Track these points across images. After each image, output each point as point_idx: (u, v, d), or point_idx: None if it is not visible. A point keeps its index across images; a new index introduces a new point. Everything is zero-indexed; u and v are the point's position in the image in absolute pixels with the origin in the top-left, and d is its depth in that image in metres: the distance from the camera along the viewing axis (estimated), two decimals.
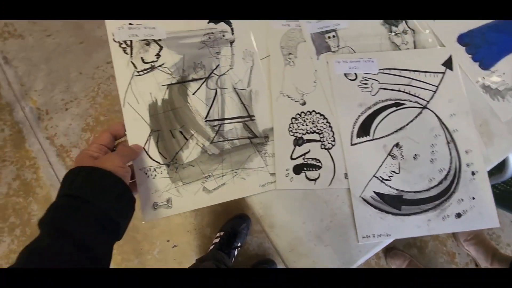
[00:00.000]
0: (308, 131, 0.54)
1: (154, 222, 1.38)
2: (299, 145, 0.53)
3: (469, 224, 0.53)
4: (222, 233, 1.22)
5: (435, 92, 0.57)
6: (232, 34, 0.59)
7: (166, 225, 1.38)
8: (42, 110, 1.52)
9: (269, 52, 0.57)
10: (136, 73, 0.55)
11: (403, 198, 0.53)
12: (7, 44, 1.62)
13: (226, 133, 0.55)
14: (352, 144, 0.54)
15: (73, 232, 0.38)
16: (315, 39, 0.58)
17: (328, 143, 0.54)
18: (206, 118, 0.55)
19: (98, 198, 0.41)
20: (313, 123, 0.54)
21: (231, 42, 0.58)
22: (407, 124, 0.55)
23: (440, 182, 0.54)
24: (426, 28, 0.61)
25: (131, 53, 0.55)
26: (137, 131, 0.53)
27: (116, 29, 0.56)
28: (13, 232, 1.35)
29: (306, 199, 0.53)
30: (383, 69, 0.57)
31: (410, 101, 0.56)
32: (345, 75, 0.57)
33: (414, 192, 0.53)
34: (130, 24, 0.56)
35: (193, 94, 0.55)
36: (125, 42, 0.56)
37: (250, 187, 0.54)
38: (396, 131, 0.55)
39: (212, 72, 0.57)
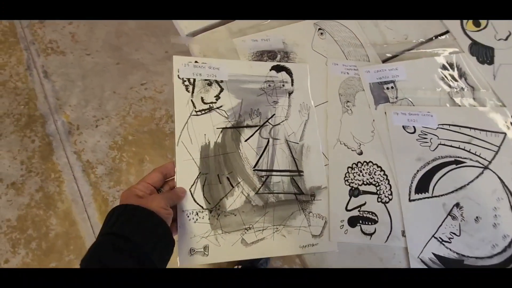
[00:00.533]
0: (365, 182, 0.51)
1: None
2: (355, 196, 0.50)
3: None
4: (239, 267, 1.16)
5: (496, 152, 0.54)
6: (292, 85, 0.58)
7: None
8: (73, 124, 1.53)
9: (327, 98, 0.56)
10: (194, 113, 0.54)
11: (464, 264, 0.49)
12: (48, 59, 1.66)
13: (272, 185, 0.53)
14: (410, 200, 0.50)
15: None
16: (373, 89, 0.56)
17: (385, 196, 0.50)
18: (254, 167, 0.53)
19: (140, 238, 0.40)
20: (369, 174, 0.51)
21: (290, 93, 0.58)
22: (467, 184, 0.52)
23: (504, 250, 0.49)
24: (485, 86, 0.58)
25: (193, 92, 0.55)
26: (187, 171, 0.52)
27: (182, 65, 0.56)
28: (29, 245, 1.31)
29: (360, 254, 0.49)
30: (442, 124, 0.55)
31: (471, 159, 0.53)
32: (404, 127, 0.54)
33: (476, 258, 0.49)
34: (195, 62, 0.56)
35: (246, 140, 0.54)
36: (188, 80, 0.56)
37: (290, 246, 0.51)
38: (456, 190, 0.51)
39: (267, 121, 0.56)
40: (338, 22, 0.61)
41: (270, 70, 0.58)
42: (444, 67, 0.59)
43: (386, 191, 0.50)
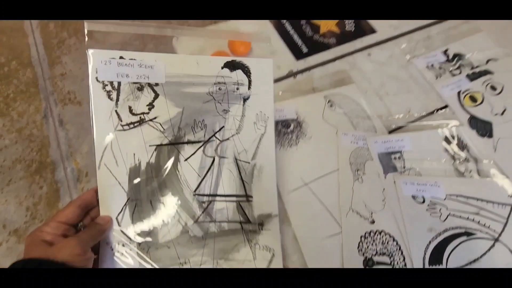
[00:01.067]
0: (378, 252, 0.50)
1: None
2: (369, 267, 0.49)
3: None
4: None
5: (505, 224, 0.53)
6: (249, 88, 0.47)
7: None
8: (82, 172, 1.53)
9: (338, 166, 0.56)
10: (120, 127, 0.42)
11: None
12: (65, 109, 1.71)
13: (215, 212, 0.45)
14: None
15: None
16: (382, 158, 0.58)
17: (400, 267, 0.49)
18: (195, 191, 0.44)
19: None
20: (383, 244, 0.50)
21: (245, 99, 0.47)
22: (480, 257, 0.51)
23: None
24: (488, 158, 0.60)
25: (117, 100, 0.42)
26: (112, 198, 0.42)
27: (101, 63, 0.41)
28: None
29: None
30: (450, 194, 0.55)
31: (481, 231, 0.52)
32: (413, 197, 0.54)
33: None
34: (121, 58, 0.42)
35: (186, 160, 0.44)
36: (111, 83, 0.41)
37: None
38: (470, 263, 0.50)
39: (213, 135, 0.46)
40: (346, 95, 0.64)
41: (222, 68, 0.46)
42: (446, 139, 0.61)
43: (400, 262, 0.49)
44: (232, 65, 0.46)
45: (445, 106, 0.66)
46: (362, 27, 0.76)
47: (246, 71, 0.47)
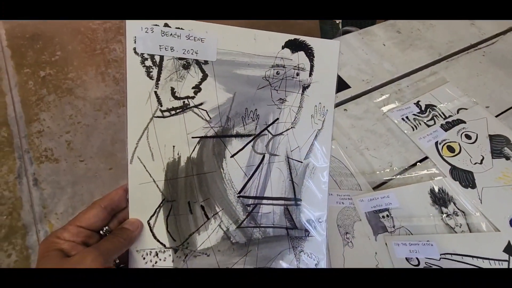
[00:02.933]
0: None
1: None
2: None
3: None
4: None
5: None
6: (310, 74, 0.39)
7: None
8: None
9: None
10: (159, 113, 0.35)
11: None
12: (41, 167, 1.61)
13: (260, 217, 0.39)
14: None
15: None
16: (370, 218, 0.54)
17: None
18: (240, 192, 0.38)
19: None
20: None
21: (305, 88, 0.39)
22: None
23: None
24: (475, 210, 0.57)
25: (158, 79, 0.34)
26: (144, 199, 0.35)
27: (141, 30, 0.33)
28: None
29: None
30: (444, 254, 0.51)
31: None
32: (407, 259, 0.50)
33: None
34: (165, 25, 0.34)
35: (232, 156, 0.38)
36: (152, 57, 0.34)
37: None
38: None
39: (266, 128, 0.38)
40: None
41: (283, 47, 0.38)
42: (432, 192, 0.58)
43: None
44: (294, 45, 0.38)
45: (425, 158, 0.64)
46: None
47: (310, 54, 0.39)
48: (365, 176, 0.59)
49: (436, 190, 0.58)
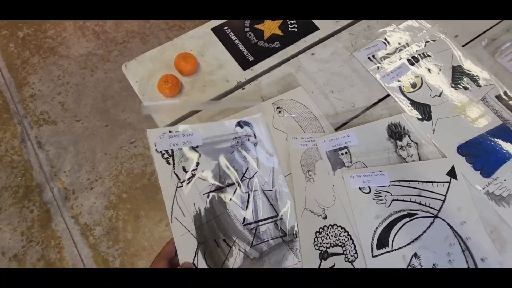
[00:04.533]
0: (332, 245, 0.55)
1: None
2: (325, 259, 0.54)
3: None
4: None
5: (443, 201, 0.59)
6: (255, 137, 0.61)
7: None
8: (69, 190, 1.55)
9: (291, 170, 0.61)
10: (179, 184, 0.54)
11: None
12: (41, 130, 1.70)
13: (262, 234, 0.55)
14: (373, 256, 0.54)
15: None
16: (330, 157, 0.62)
17: (351, 256, 0.54)
18: (243, 222, 0.55)
19: None
20: (335, 237, 0.55)
21: (255, 145, 0.61)
22: (421, 234, 0.56)
23: None
24: (428, 141, 0.64)
25: (173, 163, 0.55)
26: (186, 246, 0.51)
27: (157, 138, 0.55)
28: None
29: None
30: (393, 181, 0.60)
31: (422, 211, 0.58)
32: (360, 189, 0.59)
33: None
34: (169, 132, 0.56)
35: (230, 199, 0.56)
36: (167, 152, 0.55)
37: None
38: (412, 242, 0.56)
39: (243, 176, 0.58)
40: (293, 100, 0.67)
41: (236, 126, 0.61)
42: (389, 128, 0.65)
43: (352, 251, 0.55)
44: (240, 124, 0.62)
45: (387, 96, 0.70)
46: (304, 26, 0.78)
47: (250, 126, 0.62)
48: (328, 118, 0.66)
49: (393, 125, 0.65)
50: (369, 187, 0.59)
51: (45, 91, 1.78)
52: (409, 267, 0.54)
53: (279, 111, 0.66)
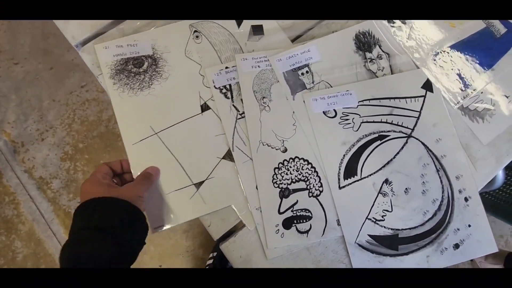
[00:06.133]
0: (293, 180, 0.46)
1: (145, 248, 1.30)
2: (286, 197, 0.46)
3: (468, 254, 0.48)
4: (215, 254, 1.14)
5: (418, 118, 0.50)
6: None
7: (157, 250, 1.28)
8: (17, 142, 1.37)
9: (243, 98, 0.49)
10: (239, 116, 0.50)
11: (399, 237, 0.47)
12: None
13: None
14: (340, 187, 0.47)
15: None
16: (288, 78, 0.50)
17: (316, 189, 0.46)
18: None
19: (120, 228, 0.38)
20: (297, 171, 0.47)
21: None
22: (393, 157, 0.49)
23: (434, 214, 0.48)
24: (400, 50, 0.53)
25: (232, 97, 0.50)
26: (248, 172, 0.48)
27: (215, 75, 0.51)
28: None
29: (297, 257, 0.46)
30: (362, 100, 0.50)
31: (394, 131, 0.49)
32: (324, 113, 0.49)
33: (410, 228, 0.47)
34: (226, 68, 0.51)
35: None
36: (224, 87, 0.51)
37: None
38: (383, 167, 0.48)
39: None
40: (216, 22, 0.52)
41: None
42: (357, 38, 0.53)
43: (316, 184, 0.47)
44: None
45: None
46: None
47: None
48: (284, 30, 0.52)
49: (362, 34, 0.53)
50: (334, 110, 0.49)
51: None
52: (379, 194, 0.47)
53: (196, 36, 0.52)
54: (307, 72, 0.50)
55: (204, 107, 0.50)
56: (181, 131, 0.49)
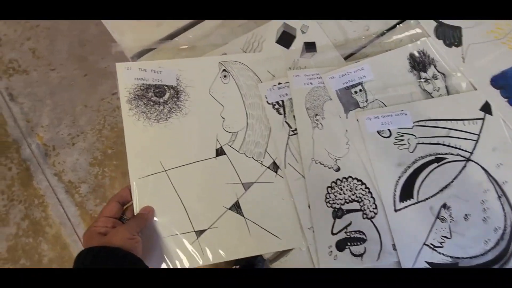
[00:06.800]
0: (347, 200, 0.45)
1: None
2: (339, 217, 0.44)
3: None
4: (237, 267, 1.12)
5: (477, 141, 0.48)
6: None
7: None
8: (48, 146, 1.41)
9: (295, 115, 0.48)
10: (291, 133, 0.49)
11: (459, 266, 0.44)
12: (12, 81, 1.50)
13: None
14: (396, 210, 0.45)
15: None
16: (341, 96, 0.49)
17: (370, 211, 0.45)
18: None
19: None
20: (351, 191, 0.45)
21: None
22: (452, 181, 0.46)
23: (497, 243, 0.45)
24: (456, 70, 0.52)
25: (284, 113, 0.49)
26: (300, 190, 0.46)
27: (268, 91, 0.50)
28: None
29: None
30: (417, 121, 0.48)
31: (452, 154, 0.47)
32: (378, 132, 0.48)
33: (470, 258, 0.44)
34: (279, 84, 0.50)
35: None
36: (277, 102, 0.49)
37: None
38: (441, 190, 0.46)
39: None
40: (247, 65, 0.51)
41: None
42: (411, 57, 0.52)
43: (371, 206, 0.45)
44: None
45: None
46: None
47: None
48: (336, 47, 0.52)
49: (416, 53, 0.52)
50: (389, 130, 0.48)
51: (12, 36, 1.54)
52: (437, 219, 0.45)
53: (224, 75, 0.50)
54: (360, 90, 0.49)
55: (219, 152, 0.47)
56: (191, 173, 0.46)
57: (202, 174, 0.46)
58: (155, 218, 0.44)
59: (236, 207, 0.45)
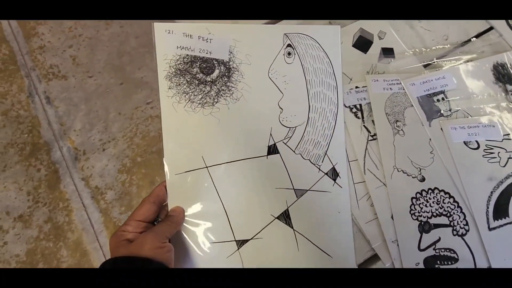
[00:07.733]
0: (434, 214, 0.41)
1: None
2: (426, 232, 0.40)
3: None
4: None
5: None
6: None
7: None
8: (79, 150, 1.41)
9: (374, 120, 0.47)
10: (370, 138, 0.48)
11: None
12: (50, 85, 1.54)
13: None
14: (490, 229, 0.41)
15: None
16: (423, 103, 0.47)
17: (461, 228, 0.41)
18: None
19: None
20: (438, 204, 0.41)
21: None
22: None
23: None
24: None
25: (363, 117, 0.49)
26: (381, 198, 0.45)
27: (345, 94, 0.48)
28: None
29: None
30: (507, 134, 0.45)
31: None
32: (465, 143, 0.44)
33: None
34: (356, 87, 0.49)
35: None
36: (355, 106, 0.49)
37: None
38: None
39: None
40: (316, 40, 0.45)
41: None
42: (495, 68, 0.50)
43: (461, 222, 0.41)
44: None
45: (490, 29, 0.54)
46: None
47: None
48: (416, 55, 0.50)
49: (501, 65, 0.49)
50: (476, 141, 0.45)
51: (55, 43, 1.61)
52: None
53: (289, 52, 0.44)
54: (443, 99, 0.47)
55: (272, 150, 0.42)
56: (236, 172, 0.41)
57: (249, 174, 0.41)
58: (191, 222, 0.40)
59: (285, 217, 0.41)
